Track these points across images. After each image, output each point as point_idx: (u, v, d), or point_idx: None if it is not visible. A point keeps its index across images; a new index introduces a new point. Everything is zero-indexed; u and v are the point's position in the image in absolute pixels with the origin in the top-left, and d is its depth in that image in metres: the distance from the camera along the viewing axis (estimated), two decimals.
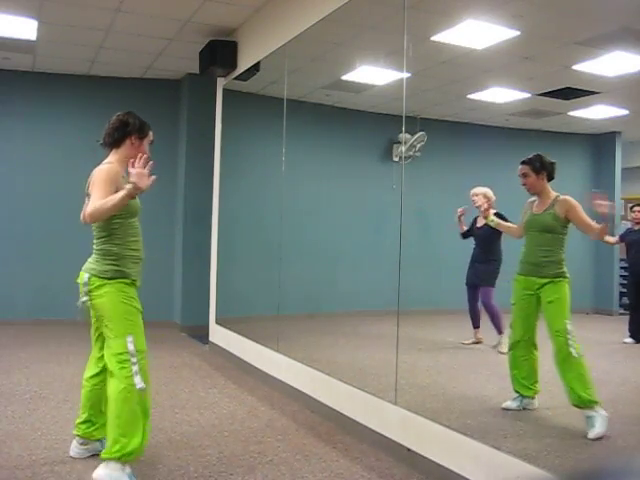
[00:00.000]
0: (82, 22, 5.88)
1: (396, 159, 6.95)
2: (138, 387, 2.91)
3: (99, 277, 2.99)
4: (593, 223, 3.45)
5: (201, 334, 6.80)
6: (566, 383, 3.42)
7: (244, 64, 5.95)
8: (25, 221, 7.62)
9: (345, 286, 7.24)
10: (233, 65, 6.08)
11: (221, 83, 6.51)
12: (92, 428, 3.26)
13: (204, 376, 5.33)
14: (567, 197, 3.61)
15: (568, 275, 3.57)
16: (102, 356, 3.12)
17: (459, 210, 5.22)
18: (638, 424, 3.68)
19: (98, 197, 2.86)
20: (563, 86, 5.45)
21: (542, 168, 3.65)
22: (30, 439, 3.57)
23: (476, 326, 5.58)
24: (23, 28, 5.97)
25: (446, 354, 5.60)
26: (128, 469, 2.93)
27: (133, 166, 2.85)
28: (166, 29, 6.01)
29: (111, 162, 3.08)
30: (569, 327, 3.45)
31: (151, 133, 3.21)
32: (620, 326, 5.85)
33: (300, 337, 5.96)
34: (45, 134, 7.72)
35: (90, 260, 3.08)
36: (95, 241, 3.08)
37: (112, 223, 3.00)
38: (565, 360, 3.43)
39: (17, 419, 3.94)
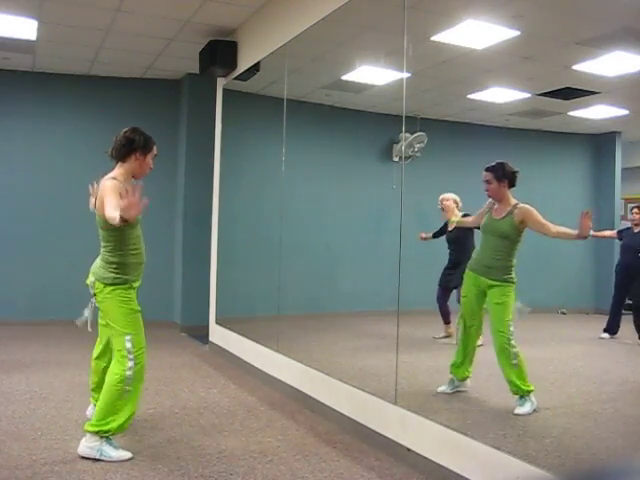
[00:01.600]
0: (82, 22, 5.88)
1: (396, 159, 6.95)
2: (125, 390, 3.28)
3: (101, 282, 3.35)
4: (550, 224, 3.67)
5: (201, 334, 6.80)
6: (505, 375, 3.71)
7: (244, 64, 5.95)
8: (25, 221, 7.61)
9: (345, 286, 7.24)
10: (233, 65, 6.08)
11: (221, 83, 6.51)
12: None
13: (204, 376, 5.33)
14: (525, 205, 3.80)
15: (515, 280, 3.80)
16: (105, 343, 3.61)
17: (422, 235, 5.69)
18: (638, 424, 3.68)
19: (112, 206, 3.09)
20: (563, 86, 5.45)
21: (504, 176, 3.83)
22: (30, 439, 3.57)
23: (447, 322, 5.90)
24: (23, 28, 5.96)
25: (446, 354, 5.59)
26: (106, 441, 3.30)
27: (127, 196, 3.01)
28: (166, 29, 6.01)
29: (115, 177, 3.31)
30: (511, 328, 3.73)
31: (155, 147, 3.49)
32: (620, 326, 5.85)
33: (300, 337, 5.96)
34: (45, 134, 7.71)
35: (97, 264, 3.43)
36: (101, 248, 3.41)
37: (113, 235, 3.31)
38: (505, 356, 3.71)
39: (17, 419, 3.94)
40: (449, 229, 5.69)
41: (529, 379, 3.77)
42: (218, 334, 6.36)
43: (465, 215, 4.58)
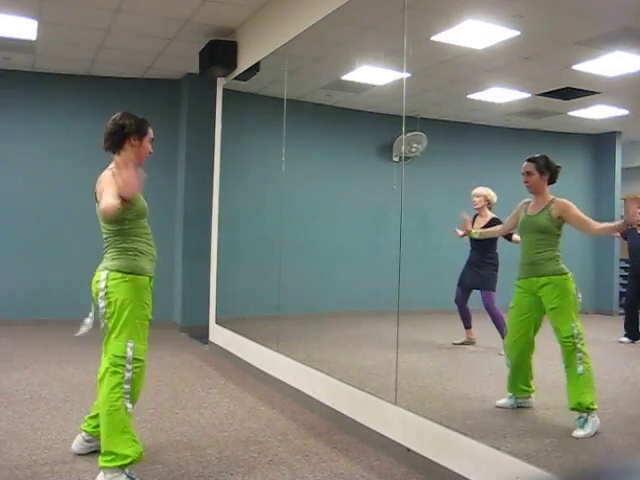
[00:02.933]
0: (82, 22, 5.88)
1: (396, 159, 6.96)
2: (127, 410, 2.91)
3: (120, 271, 2.98)
4: (590, 220, 3.50)
5: (201, 334, 6.80)
6: (569, 387, 3.43)
7: (244, 64, 5.95)
8: (25, 221, 7.61)
9: (345, 286, 7.24)
10: (233, 65, 6.08)
11: (221, 83, 6.51)
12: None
13: (204, 376, 5.33)
14: (564, 200, 3.63)
15: (567, 271, 3.56)
16: None
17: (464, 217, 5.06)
18: (638, 424, 3.68)
19: (108, 195, 2.86)
20: (563, 86, 5.45)
21: (546, 169, 3.66)
22: (30, 439, 3.57)
23: (468, 326, 5.62)
24: (23, 28, 5.96)
25: (446, 354, 5.60)
26: (127, 470, 2.93)
27: (118, 173, 2.85)
28: (166, 29, 6.01)
29: (113, 168, 3.07)
30: (575, 331, 3.45)
31: (151, 130, 3.19)
32: (620, 326, 5.85)
33: (300, 337, 5.96)
34: (45, 134, 7.71)
35: (107, 258, 3.05)
36: (110, 239, 3.06)
37: (125, 224, 3.01)
38: (572, 367, 3.42)
39: (17, 419, 3.94)
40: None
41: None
42: (218, 334, 6.36)
43: (493, 221, 4.36)
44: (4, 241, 7.55)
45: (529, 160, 3.70)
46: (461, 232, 4.86)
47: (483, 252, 5.44)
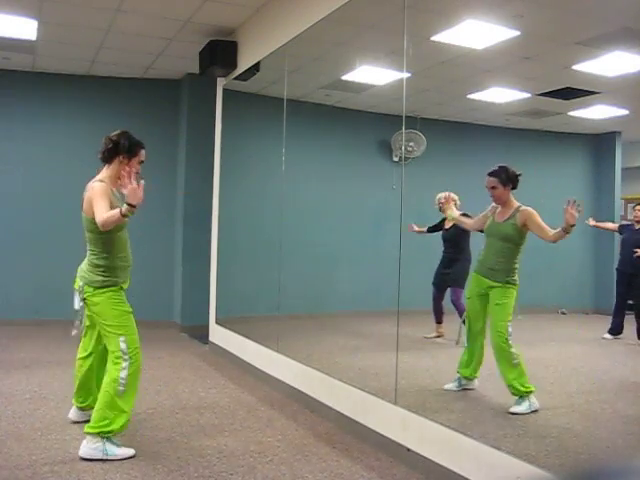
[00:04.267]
0: (82, 22, 5.88)
1: (396, 159, 6.96)
2: (119, 393, 3.31)
3: (91, 286, 3.39)
4: (548, 229, 3.68)
5: (201, 334, 6.80)
6: (505, 380, 3.73)
7: (244, 64, 5.95)
8: (25, 220, 7.61)
9: (345, 286, 7.24)
10: (233, 65, 6.08)
11: (221, 83, 6.51)
12: (86, 402, 3.78)
13: (204, 376, 5.33)
14: (528, 208, 3.82)
15: (517, 282, 3.84)
16: (91, 344, 3.68)
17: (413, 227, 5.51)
18: (638, 424, 3.68)
19: (102, 208, 3.20)
20: (563, 86, 5.45)
21: (508, 180, 3.86)
22: (30, 439, 3.57)
23: (439, 321, 5.92)
24: (23, 28, 5.96)
25: (446, 354, 5.60)
26: (108, 440, 3.31)
27: (124, 184, 3.13)
28: (166, 29, 6.01)
29: (102, 180, 3.38)
30: (510, 329, 3.76)
31: (143, 152, 3.50)
32: (624, 326, 5.85)
33: (300, 337, 5.96)
34: (45, 134, 7.71)
35: (83, 268, 3.46)
36: (88, 252, 3.45)
37: (101, 238, 3.36)
38: (504, 357, 3.74)
39: (17, 419, 3.94)
40: (446, 227, 5.69)
41: (530, 380, 3.78)
42: (218, 334, 6.36)
43: (464, 215, 4.58)
44: (4, 241, 7.55)
45: (490, 175, 3.89)
46: (417, 228, 5.53)
47: (455, 249, 5.67)
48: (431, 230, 5.85)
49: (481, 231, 4.22)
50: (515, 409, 3.66)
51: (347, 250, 7.43)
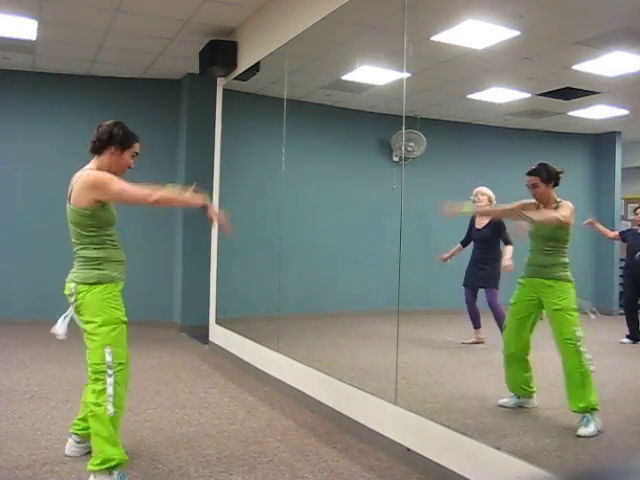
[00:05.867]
0: (82, 22, 5.88)
1: (396, 159, 6.96)
2: (108, 413, 2.92)
3: (85, 283, 3.01)
4: (555, 213, 3.55)
5: (201, 334, 6.80)
6: (572, 388, 3.45)
7: (244, 64, 5.95)
8: (25, 221, 7.61)
9: (345, 286, 7.24)
10: (233, 65, 6.08)
11: (221, 83, 6.51)
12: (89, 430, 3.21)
13: (204, 376, 5.33)
14: (567, 202, 3.65)
15: (572, 279, 3.59)
16: None
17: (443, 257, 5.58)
18: (638, 424, 3.68)
19: (130, 186, 2.99)
20: (563, 86, 5.45)
21: (550, 178, 3.67)
22: (30, 439, 3.57)
23: (477, 326, 5.61)
24: (23, 28, 5.96)
25: (446, 354, 5.60)
26: (115, 473, 2.94)
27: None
28: (166, 29, 6.01)
29: (92, 169, 3.09)
30: (578, 334, 3.48)
31: (137, 145, 3.20)
32: (620, 326, 5.86)
33: (300, 337, 5.96)
34: (45, 134, 7.71)
35: (73, 270, 3.09)
36: (76, 248, 3.09)
37: (89, 232, 3.02)
38: (573, 368, 3.46)
39: (17, 419, 3.94)
40: (477, 227, 5.53)
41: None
42: (218, 334, 6.36)
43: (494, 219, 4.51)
44: (4, 241, 7.55)
45: (531, 174, 3.69)
46: (447, 255, 5.45)
47: (486, 250, 5.48)
48: (466, 243, 5.64)
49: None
50: (583, 432, 3.32)
51: (347, 250, 7.43)
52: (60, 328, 3.08)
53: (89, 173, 3.04)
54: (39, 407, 4.21)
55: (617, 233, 6.07)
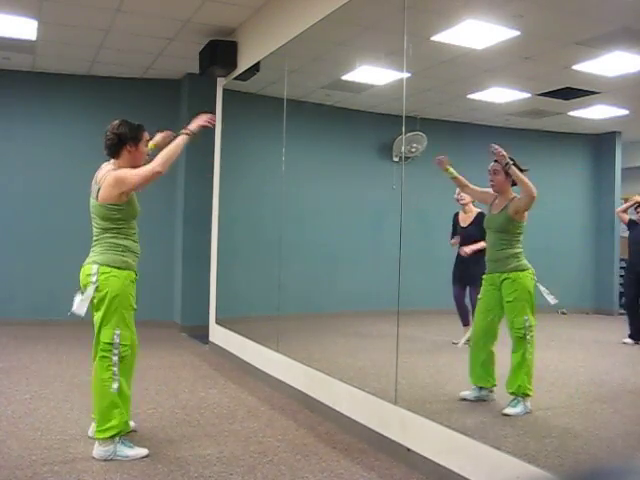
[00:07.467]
0: (82, 22, 5.88)
1: (396, 159, 6.95)
2: (112, 390, 3.25)
3: (109, 266, 3.28)
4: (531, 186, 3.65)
5: (201, 334, 6.80)
6: (512, 372, 3.65)
7: (244, 64, 5.95)
8: (25, 221, 7.61)
9: (345, 286, 7.23)
10: (233, 65, 6.08)
11: (221, 83, 6.51)
12: None
13: (204, 376, 5.33)
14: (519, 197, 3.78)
15: (529, 267, 3.73)
16: None
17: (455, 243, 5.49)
18: (638, 424, 3.68)
19: (137, 171, 3.31)
20: (563, 86, 5.45)
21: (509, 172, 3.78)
22: (30, 439, 3.57)
23: (466, 324, 5.57)
24: (23, 28, 5.96)
25: (446, 354, 5.60)
26: (118, 439, 3.30)
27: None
28: (166, 29, 6.01)
29: (114, 169, 3.38)
30: (527, 324, 3.65)
31: (145, 133, 3.48)
32: (620, 326, 5.85)
33: (300, 337, 5.96)
34: (45, 134, 7.71)
35: (96, 252, 3.34)
36: (101, 236, 3.36)
37: (118, 221, 3.33)
38: (517, 354, 3.66)
39: (17, 419, 3.94)
40: (462, 225, 5.52)
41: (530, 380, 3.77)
42: (218, 334, 6.36)
43: (479, 215, 4.63)
44: (4, 241, 7.55)
45: (496, 160, 3.85)
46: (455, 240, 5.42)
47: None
48: (454, 237, 5.63)
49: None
50: (509, 410, 3.61)
51: (347, 250, 7.43)
52: (80, 308, 3.28)
53: (110, 175, 3.31)
54: (39, 407, 4.21)
55: (627, 218, 6.05)
